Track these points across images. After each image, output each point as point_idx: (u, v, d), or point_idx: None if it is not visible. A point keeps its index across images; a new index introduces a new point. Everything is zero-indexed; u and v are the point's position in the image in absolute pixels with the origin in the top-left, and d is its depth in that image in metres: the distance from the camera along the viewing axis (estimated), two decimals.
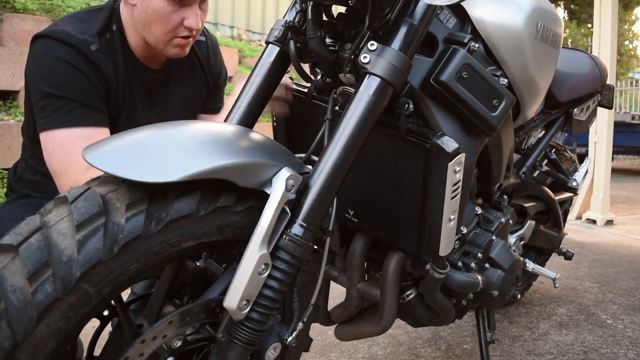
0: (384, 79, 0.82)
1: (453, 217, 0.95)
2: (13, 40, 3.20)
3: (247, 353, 0.79)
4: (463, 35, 0.96)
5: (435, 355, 1.68)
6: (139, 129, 0.76)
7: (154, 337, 0.74)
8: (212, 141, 0.75)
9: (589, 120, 1.74)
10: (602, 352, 1.71)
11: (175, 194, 0.71)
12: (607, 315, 2.02)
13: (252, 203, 0.79)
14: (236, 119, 0.98)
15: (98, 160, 0.69)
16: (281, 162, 0.78)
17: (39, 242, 0.63)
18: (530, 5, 1.11)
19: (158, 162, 0.69)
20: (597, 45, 3.90)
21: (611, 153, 4.00)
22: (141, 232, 0.66)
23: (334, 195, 0.82)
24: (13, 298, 0.59)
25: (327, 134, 0.93)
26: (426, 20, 0.86)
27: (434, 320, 1.23)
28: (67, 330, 0.63)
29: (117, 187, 0.69)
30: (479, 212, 1.24)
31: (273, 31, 1.00)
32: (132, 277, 0.68)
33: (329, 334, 1.79)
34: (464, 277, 1.14)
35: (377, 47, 0.83)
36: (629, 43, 17.43)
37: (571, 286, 2.37)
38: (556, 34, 1.22)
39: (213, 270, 0.91)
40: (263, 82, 0.99)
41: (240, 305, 0.74)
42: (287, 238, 0.77)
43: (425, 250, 1.00)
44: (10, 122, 2.85)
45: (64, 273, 0.61)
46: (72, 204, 0.66)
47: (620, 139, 6.86)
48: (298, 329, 0.85)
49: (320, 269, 0.86)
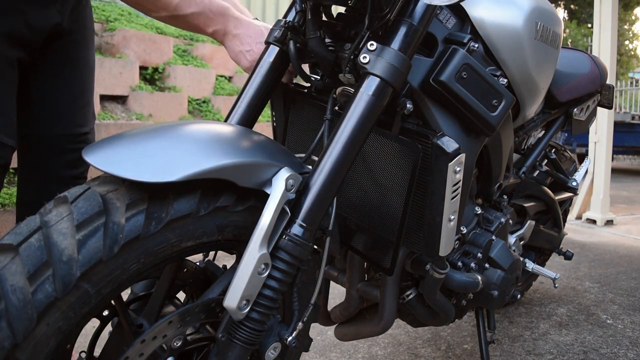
0: (384, 79, 0.82)
1: (453, 217, 0.95)
2: None
3: (247, 353, 0.79)
4: (463, 35, 0.96)
5: (435, 355, 1.68)
6: (139, 129, 0.76)
7: (154, 337, 0.74)
8: (211, 141, 0.75)
9: (589, 120, 1.74)
10: (602, 352, 1.71)
11: (175, 193, 0.71)
12: (607, 315, 2.02)
13: (252, 203, 0.79)
14: (236, 119, 0.98)
15: (98, 160, 0.69)
16: (281, 162, 0.78)
17: (39, 241, 0.63)
18: (530, 5, 1.12)
19: (158, 162, 0.69)
20: (597, 45, 3.90)
21: (611, 153, 4.00)
22: (141, 232, 0.66)
23: (334, 195, 0.82)
24: (13, 298, 0.59)
25: (327, 134, 0.93)
26: (426, 20, 0.86)
27: (433, 320, 1.23)
28: (67, 330, 0.63)
29: (117, 187, 0.69)
30: (478, 212, 1.24)
31: (273, 31, 1.00)
32: (132, 276, 0.68)
33: (329, 334, 1.79)
34: (463, 277, 1.14)
35: (377, 47, 0.83)
36: (629, 43, 17.43)
37: (571, 286, 2.37)
38: (556, 34, 1.22)
39: (213, 270, 0.91)
40: (263, 82, 0.99)
41: (240, 305, 0.74)
42: (286, 238, 0.77)
43: (425, 250, 1.00)
44: None
45: (64, 273, 0.61)
46: (72, 204, 0.66)
47: (620, 139, 6.87)
48: (298, 328, 0.85)
49: (320, 269, 0.86)
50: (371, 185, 1.01)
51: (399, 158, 0.94)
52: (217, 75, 4.54)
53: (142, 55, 3.98)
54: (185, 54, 4.53)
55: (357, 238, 1.07)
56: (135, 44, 3.94)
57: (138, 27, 4.17)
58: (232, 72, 4.80)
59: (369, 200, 1.02)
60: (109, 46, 3.93)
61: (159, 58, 4.10)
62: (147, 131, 0.75)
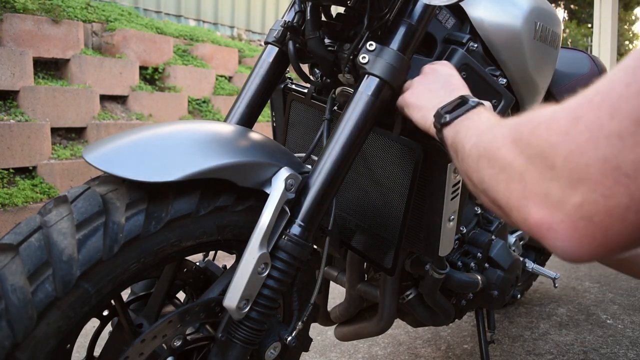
0: (383, 79, 0.82)
1: (453, 217, 0.95)
2: (13, 40, 3.20)
3: (247, 352, 0.79)
4: (462, 35, 0.96)
5: (435, 355, 1.68)
6: (139, 129, 0.76)
7: (154, 336, 0.74)
8: (211, 141, 0.75)
9: None
10: (602, 352, 1.71)
11: (175, 193, 0.71)
12: (607, 315, 2.02)
13: (252, 203, 0.79)
14: (235, 119, 0.98)
15: (98, 160, 0.69)
16: (280, 161, 0.78)
17: (39, 241, 0.63)
18: (529, 5, 1.12)
19: (158, 162, 0.69)
20: (597, 45, 3.90)
21: None
22: (141, 232, 0.66)
23: (334, 195, 0.82)
24: (13, 297, 0.59)
25: (326, 134, 0.93)
26: (425, 20, 0.86)
27: (433, 320, 1.23)
28: (67, 330, 0.63)
29: (117, 187, 0.69)
30: (478, 212, 1.24)
31: (272, 32, 1.00)
32: (132, 276, 0.68)
33: (329, 334, 1.79)
34: (463, 277, 1.14)
35: (376, 47, 0.83)
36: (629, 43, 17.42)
37: (571, 286, 2.37)
38: (555, 34, 1.23)
39: (213, 270, 0.91)
40: (262, 83, 1.00)
41: (240, 304, 0.74)
42: (286, 238, 0.77)
43: (424, 250, 1.00)
44: (10, 122, 2.86)
45: (64, 272, 0.61)
46: (72, 204, 0.66)
47: None
48: (298, 328, 0.85)
49: (319, 269, 0.86)
50: (372, 186, 1.01)
51: (399, 158, 0.94)
52: (217, 75, 4.55)
53: (142, 55, 3.99)
54: (185, 54, 4.53)
55: (358, 238, 1.07)
56: (135, 44, 3.95)
57: (138, 27, 4.17)
58: (232, 72, 4.81)
59: (370, 200, 1.02)
60: (109, 46, 3.93)
61: (159, 58, 4.10)
62: (146, 131, 0.76)
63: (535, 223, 0.41)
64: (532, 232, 0.43)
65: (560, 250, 0.40)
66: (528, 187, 0.42)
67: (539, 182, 0.41)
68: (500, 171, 0.48)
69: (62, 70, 3.53)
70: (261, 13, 6.38)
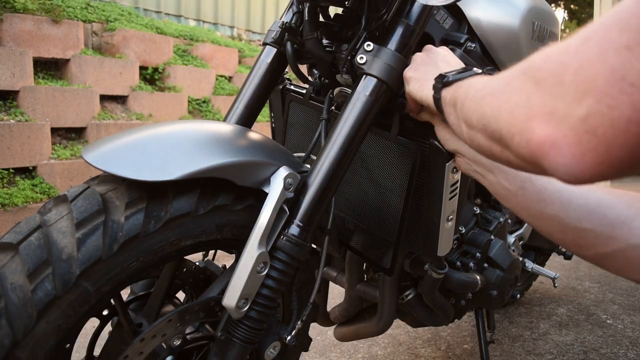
0: (381, 79, 0.82)
1: (451, 217, 0.96)
2: (13, 40, 3.21)
3: (247, 352, 0.79)
4: (459, 36, 0.97)
5: (435, 355, 1.69)
6: (139, 129, 0.77)
7: (154, 335, 0.74)
8: (210, 140, 0.75)
9: None
10: (602, 352, 1.71)
11: (175, 192, 0.71)
12: (607, 315, 2.02)
13: (251, 202, 0.79)
14: (234, 119, 0.99)
15: (98, 159, 0.70)
16: (279, 161, 0.78)
17: (38, 240, 0.63)
18: (527, 5, 1.12)
19: (157, 161, 0.69)
20: None
21: None
22: (140, 231, 0.67)
23: (332, 194, 0.82)
24: (13, 296, 0.60)
25: (324, 134, 0.93)
26: (422, 20, 0.86)
27: (433, 320, 1.23)
28: (67, 329, 0.64)
29: (116, 186, 0.70)
30: (477, 211, 1.24)
31: (270, 32, 1.00)
32: (131, 275, 0.68)
33: (329, 334, 1.79)
34: (462, 277, 1.14)
35: (374, 47, 0.84)
36: None
37: (571, 286, 2.37)
38: (553, 34, 1.23)
39: (212, 270, 0.91)
40: (261, 83, 1.00)
41: (239, 303, 0.74)
42: (284, 239, 0.77)
43: (423, 250, 1.00)
44: (10, 122, 2.86)
45: (63, 271, 0.61)
46: (72, 203, 0.66)
47: None
48: (297, 327, 0.85)
49: (319, 269, 0.86)
50: (370, 186, 1.02)
51: (397, 159, 0.95)
52: (217, 75, 4.55)
53: (142, 55, 3.99)
54: (185, 54, 4.54)
55: (356, 238, 1.07)
56: (135, 44, 3.95)
57: (138, 27, 4.17)
58: (232, 72, 4.81)
59: (368, 201, 1.02)
60: (109, 46, 3.93)
61: (159, 58, 4.11)
62: (146, 130, 0.76)
63: (539, 141, 0.41)
64: (534, 155, 0.43)
65: (562, 168, 0.40)
66: (534, 108, 0.43)
67: (546, 101, 0.41)
68: (506, 101, 0.48)
69: (62, 70, 3.53)
70: (261, 13, 6.38)
